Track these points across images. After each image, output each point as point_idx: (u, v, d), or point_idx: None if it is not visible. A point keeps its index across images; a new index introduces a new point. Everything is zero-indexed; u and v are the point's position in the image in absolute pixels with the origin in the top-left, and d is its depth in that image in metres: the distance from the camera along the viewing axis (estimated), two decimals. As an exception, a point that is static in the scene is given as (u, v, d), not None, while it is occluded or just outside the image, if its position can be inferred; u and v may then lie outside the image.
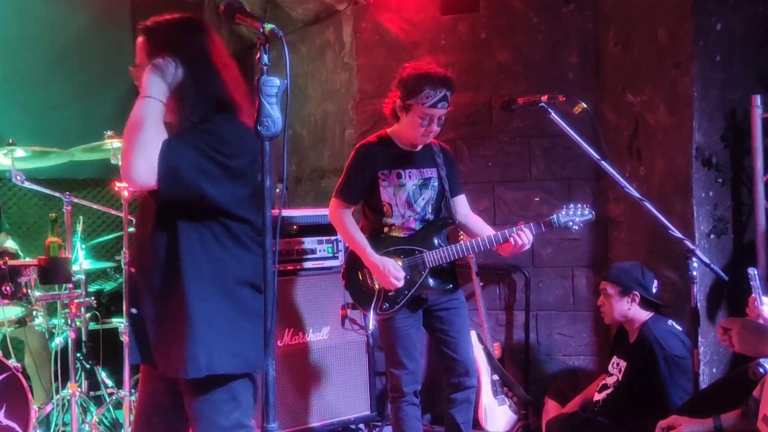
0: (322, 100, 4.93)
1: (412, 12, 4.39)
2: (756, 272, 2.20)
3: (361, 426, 4.10)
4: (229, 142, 1.89)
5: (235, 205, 1.96)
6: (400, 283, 3.05)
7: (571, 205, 3.11)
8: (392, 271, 3.04)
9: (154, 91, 1.88)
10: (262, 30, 1.58)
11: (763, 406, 1.91)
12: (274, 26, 1.59)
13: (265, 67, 1.56)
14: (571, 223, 3.08)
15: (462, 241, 3.18)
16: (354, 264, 3.20)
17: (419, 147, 3.17)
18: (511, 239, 3.01)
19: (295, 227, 3.94)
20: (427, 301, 3.18)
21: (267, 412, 1.54)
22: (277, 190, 4.33)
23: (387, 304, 3.10)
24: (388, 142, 3.17)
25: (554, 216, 3.09)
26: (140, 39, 2.02)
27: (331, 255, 4.00)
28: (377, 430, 3.96)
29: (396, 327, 3.13)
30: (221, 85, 1.96)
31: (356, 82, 4.51)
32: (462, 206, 3.29)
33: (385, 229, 3.17)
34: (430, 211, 3.18)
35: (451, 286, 3.18)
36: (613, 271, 3.27)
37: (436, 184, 3.18)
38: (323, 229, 4.00)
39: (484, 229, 3.23)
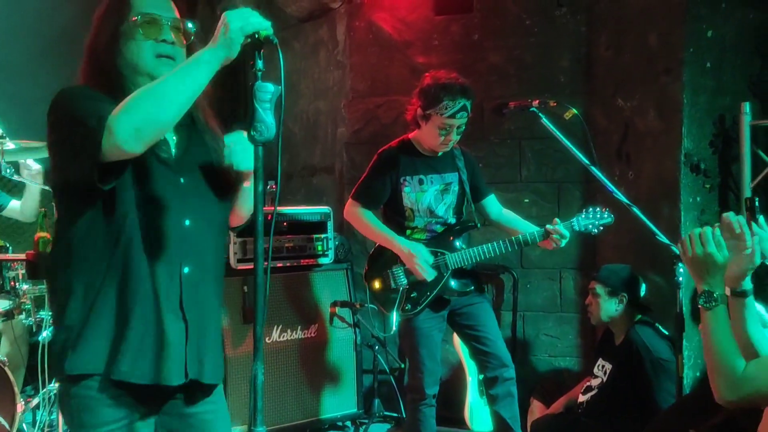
0: (314, 97, 4.93)
1: (406, 12, 4.40)
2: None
3: (348, 423, 4.12)
4: None
5: None
6: (428, 271, 3.07)
7: (590, 208, 3.13)
8: (423, 254, 3.08)
9: None
10: (257, 36, 1.58)
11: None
12: (269, 34, 1.58)
13: (259, 73, 1.57)
14: (591, 226, 3.10)
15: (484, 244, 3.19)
16: (377, 265, 3.23)
17: (440, 152, 3.22)
18: (549, 242, 3.06)
19: (285, 224, 3.94)
20: (450, 303, 3.21)
21: (255, 417, 1.54)
22: (268, 188, 4.33)
23: (410, 305, 3.15)
24: (410, 148, 3.22)
25: (574, 219, 3.09)
26: None
27: (321, 252, 4.00)
28: (364, 427, 3.97)
29: (419, 328, 3.17)
30: None
31: (349, 81, 4.51)
32: (493, 206, 3.36)
33: (407, 232, 3.22)
34: (451, 215, 3.24)
35: (473, 288, 3.24)
36: (604, 272, 3.31)
37: (456, 188, 3.24)
38: (313, 226, 4.01)
39: (519, 225, 3.27)
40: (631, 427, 2.75)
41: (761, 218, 1.91)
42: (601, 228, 3.13)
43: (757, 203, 1.97)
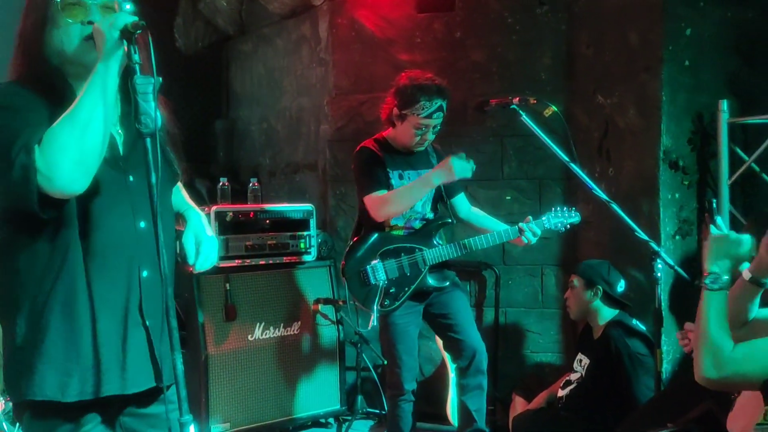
0: (297, 94, 4.92)
1: (388, 9, 4.40)
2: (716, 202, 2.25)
3: (332, 420, 4.13)
4: None
5: None
6: (467, 167, 3.10)
7: (559, 208, 3.24)
8: (457, 163, 3.07)
9: None
10: (126, 28, 1.56)
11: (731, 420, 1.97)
12: (132, 21, 1.57)
13: (137, 66, 1.56)
14: (559, 225, 3.21)
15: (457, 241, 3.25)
16: (355, 261, 3.24)
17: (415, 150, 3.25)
18: (522, 239, 3.14)
19: (267, 222, 3.94)
20: (429, 296, 3.25)
21: (180, 406, 1.57)
22: (251, 185, 4.33)
23: (388, 301, 3.17)
24: (387, 145, 3.25)
25: (545, 217, 3.19)
26: None
27: (303, 250, 4.01)
28: (347, 424, 3.98)
29: (395, 324, 3.20)
30: None
31: (332, 78, 4.51)
32: (462, 204, 3.40)
33: (386, 228, 3.23)
34: (429, 210, 3.28)
35: (448, 283, 3.27)
36: (582, 266, 3.37)
37: None
38: (296, 224, 4.01)
39: (488, 223, 3.34)
40: (610, 422, 2.78)
41: (718, 219, 1.96)
42: (568, 227, 3.25)
43: (714, 205, 2.03)
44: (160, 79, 1.57)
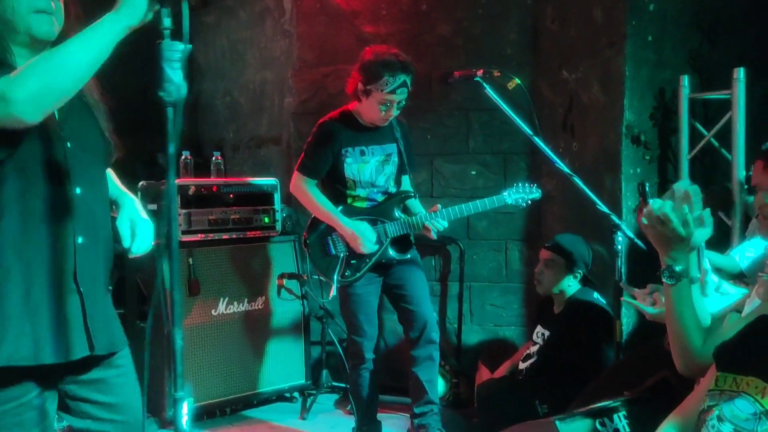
0: (260, 67, 4.85)
1: (354, -20, 4.34)
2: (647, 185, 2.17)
3: (296, 395, 4.13)
4: None
5: None
6: (374, 247, 3.16)
7: (520, 184, 3.27)
8: (366, 234, 3.15)
9: None
10: None
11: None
12: None
13: (166, 31, 1.51)
14: (520, 200, 3.25)
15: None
16: (316, 233, 3.27)
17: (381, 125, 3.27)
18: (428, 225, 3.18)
19: (231, 196, 3.89)
20: (390, 268, 3.27)
21: (175, 381, 1.55)
22: (214, 158, 4.27)
23: (349, 272, 3.20)
24: (351, 119, 3.25)
25: (506, 193, 3.22)
26: None
27: (268, 224, 3.97)
28: (312, 398, 3.99)
29: (356, 294, 3.23)
30: None
31: (296, 50, 4.44)
32: (405, 185, 3.41)
33: (348, 200, 3.25)
34: (392, 184, 3.31)
35: (409, 256, 3.31)
36: (563, 246, 3.33)
37: (396, 159, 3.30)
38: (260, 198, 3.97)
39: (415, 207, 3.37)
40: (570, 392, 2.83)
41: (652, 202, 1.85)
42: (529, 202, 3.28)
43: (647, 188, 1.97)
44: (191, 46, 1.53)
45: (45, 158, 1.67)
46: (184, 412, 1.52)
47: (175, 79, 1.49)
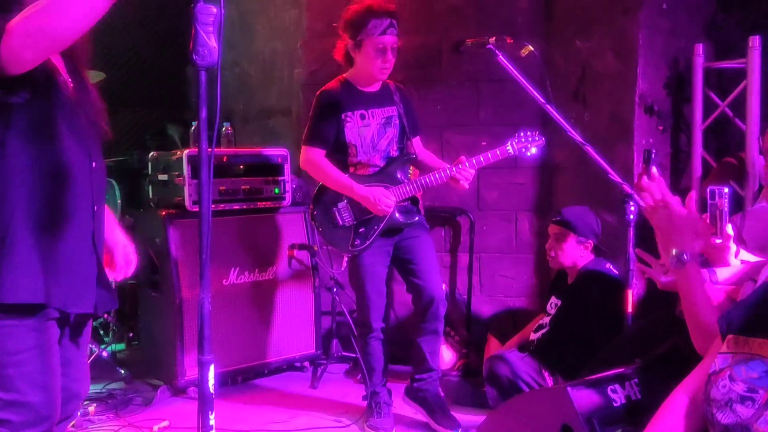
0: (270, 37, 4.81)
1: (364, -51, 4.28)
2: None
3: (306, 364, 4.16)
4: None
5: None
6: (391, 209, 3.16)
7: (521, 133, 3.22)
8: (382, 198, 3.14)
9: None
10: None
11: None
12: None
13: None
14: (524, 150, 3.20)
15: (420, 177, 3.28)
16: (322, 204, 3.26)
17: (378, 87, 3.26)
18: (455, 174, 3.16)
19: (241, 167, 3.89)
20: (399, 233, 3.27)
21: (202, 345, 1.58)
22: (224, 129, 4.26)
23: (359, 240, 3.20)
24: (348, 86, 3.25)
25: (509, 143, 3.19)
26: None
27: (278, 195, 3.97)
28: (322, 368, 4.02)
29: (364, 264, 3.24)
30: None
31: (305, 20, 4.41)
32: (416, 147, 3.40)
33: (351, 169, 3.25)
34: (395, 148, 3.30)
35: (417, 218, 3.31)
36: (572, 219, 3.30)
37: (397, 122, 3.29)
38: (270, 168, 3.96)
39: (435, 164, 3.35)
40: (580, 360, 2.83)
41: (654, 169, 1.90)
42: (534, 151, 3.23)
43: (653, 155, 1.98)
44: (224, 11, 1.54)
45: (71, 130, 1.78)
46: (210, 375, 1.56)
47: (208, 43, 1.49)
